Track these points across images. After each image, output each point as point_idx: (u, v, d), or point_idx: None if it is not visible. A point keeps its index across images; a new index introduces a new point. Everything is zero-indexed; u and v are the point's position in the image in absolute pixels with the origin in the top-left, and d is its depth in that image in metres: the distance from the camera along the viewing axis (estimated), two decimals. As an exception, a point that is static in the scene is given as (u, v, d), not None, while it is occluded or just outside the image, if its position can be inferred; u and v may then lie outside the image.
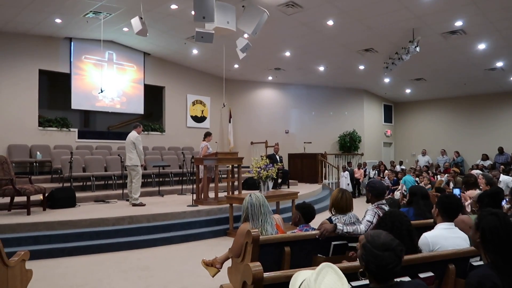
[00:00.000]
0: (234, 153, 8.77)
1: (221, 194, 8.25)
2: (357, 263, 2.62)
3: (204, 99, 14.30)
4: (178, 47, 11.64)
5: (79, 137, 11.31)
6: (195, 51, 11.84)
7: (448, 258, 2.76)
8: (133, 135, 7.79)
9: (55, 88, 12.02)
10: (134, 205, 7.60)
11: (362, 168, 14.00)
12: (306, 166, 13.21)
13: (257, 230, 3.15)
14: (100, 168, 9.67)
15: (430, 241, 2.87)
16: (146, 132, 12.62)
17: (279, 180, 10.88)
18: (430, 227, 3.21)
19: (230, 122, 14.63)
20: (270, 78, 14.65)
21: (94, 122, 13.26)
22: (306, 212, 3.75)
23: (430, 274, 2.62)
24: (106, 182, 9.72)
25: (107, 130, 13.14)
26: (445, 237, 2.87)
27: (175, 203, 8.08)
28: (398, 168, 14.38)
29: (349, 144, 15.15)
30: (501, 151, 13.83)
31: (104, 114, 12.62)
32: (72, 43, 11.10)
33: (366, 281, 1.88)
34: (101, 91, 10.37)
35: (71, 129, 11.15)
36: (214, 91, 14.28)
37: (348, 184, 12.54)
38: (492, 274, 1.97)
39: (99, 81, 11.22)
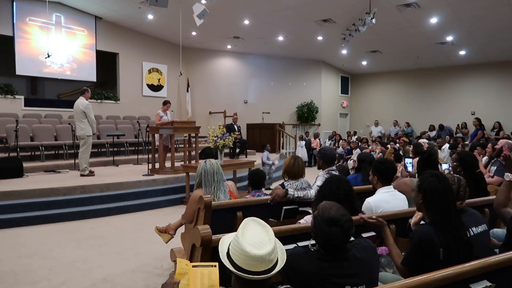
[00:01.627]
0: (191, 122, 8.67)
1: (178, 164, 8.19)
2: (304, 225, 2.73)
3: (161, 67, 13.87)
4: (132, 12, 11.10)
5: (25, 105, 10.68)
6: (150, 17, 11.35)
7: (389, 218, 2.93)
8: (82, 102, 7.34)
9: (-4, 52, 11.19)
10: (82, 175, 7.36)
11: (318, 138, 14.33)
12: (265, 136, 13.32)
13: (209, 196, 3.18)
14: (50, 137, 9.24)
15: (372, 205, 3.03)
16: (99, 101, 12.14)
17: (237, 150, 10.95)
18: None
19: (188, 91, 14.35)
20: (229, 47, 14.40)
21: (43, 89, 12.56)
22: (255, 178, 3.82)
23: (372, 233, 2.78)
24: (56, 152, 9.33)
25: (57, 98, 12.51)
26: (386, 200, 3.04)
27: (130, 173, 7.94)
28: (354, 138, 14.86)
29: (306, 114, 15.39)
30: (441, 127, 14.46)
31: (54, 81, 11.96)
32: (14, 3, 10.27)
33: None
34: (48, 56, 9.78)
35: (17, 96, 10.49)
36: (171, 59, 13.85)
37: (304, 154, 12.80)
38: (431, 232, 2.12)
39: (46, 46, 10.53)
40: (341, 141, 13.26)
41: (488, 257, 1.99)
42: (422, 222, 2.50)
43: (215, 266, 1.76)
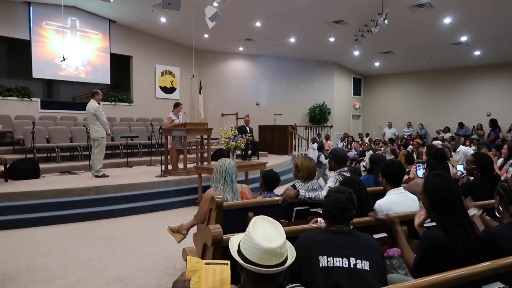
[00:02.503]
0: (203, 124, 8.73)
1: (191, 165, 8.25)
2: (314, 224, 2.74)
3: (174, 70, 14.01)
4: (145, 15, 11.25)
5: (42, 107, 10.89)
6: (163, 20, 11.48)
7: (400, 220, 2.92)
8: (92, 105, 7.41)
9: (14, 56, 11.45)
10: (96, 176, 7.47)
11: (329, 140, 14.27)
12: (276, 138, 13.34)
13: (221, 196, 3.20)
14: (65, 139, 9.41)
15: (384, 208, 3.02)
16: (113, 103, 12.31)
17: (249, 152, 10.98)
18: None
19: (200, 93, 14.46)
20: (241, 49, 14.46)
21: (58, 92, 12.78)
22: (269, 179, 3.82)
23: (384, 235, 2.77)
24: (71, 154, 9.49)
25: (72, 101, 12.72)
26: (397, 202, 3.02)
27: (144, 174, 8.03)
28: (366, 140, 14.76)
29: (318, 116, 15.34)
30: (461, 125, 14.39)
31: (69, 84, 12.17)
32: (31, 7, 10.50)
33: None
34: (64, 59, 9.95)
35: (33, 99, 10.71)
36: (184, 61, 13.97)
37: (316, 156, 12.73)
38: (441, 235, 2.11)
39: (61, 49, 10.74)
40: (353, 143, 13.17)
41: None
42: (426, 223, 2.48)
43: (227, 264, 1.78)
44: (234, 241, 1.52)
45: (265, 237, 1.41)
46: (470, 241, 2.05)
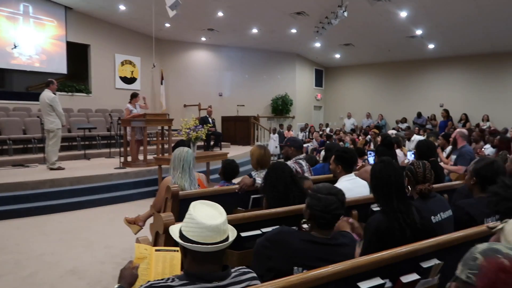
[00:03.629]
0: (163, 115, 8.63)
1: (151, 157, 8.13)
2: (268, 211, 2.80)
3: (134, 59, 13.65)
4: (103, 2, 10.86)
5: (-8, 98, 10.34)
6: (122, 7, 11.13)
7: (351, 204, 3.04)
8: (47, 95, 7.12)
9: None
10: (51, 169, 7.21)
11: (291, 130, 14.48)
12: (239, 129, 13.37)
13: (177, 185, 3.20)
14: (18, 131, 9.01)
15: (335, 194, 3.13)
16: (70, 94, 11.86)
17: (212, 142, 10.96)
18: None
19: (162, 84, 14.19)
20: (203, 39, 14.30)
21: (11, 81, 12.13)
22: (227, 168, 3.86)
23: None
24: (25, 146, 9.09)
25: (26, 91, 12.13)
26: (349, 188, 3.13)
27: (102, 166, 7.84)
28: (327, 130, 15.09)
29: (281, 107, 15.50)
30: (419, 115, 15.01)
31: (22, 73, 11.57)
32: (-22, -9, 9.89)
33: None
34: (15, 47, 9.49)
35: (-18, 89, 10.14)
36: (145, 51, 13.63)
37: (276, 147, 12.94)
38: (382, 219, 2.23)
39: (13, 37, 10.18)
40: (314, 133, 13.44)
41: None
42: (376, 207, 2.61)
43: (177, 251, 1.81)
44: (175, 228, 1.55)
45: (207, 216, 1.45)
46: (407, 225, 2.18)
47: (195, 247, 1.41)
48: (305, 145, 12.27)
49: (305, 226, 2.02)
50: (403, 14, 10.58)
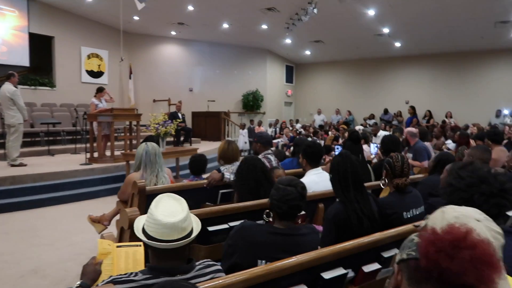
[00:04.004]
0: (131, 110, 8.45)
1: (119, 153, 7.95)
2: (229, 205, 2.81)
3: (101, 53, 13.27)
4: (67, -8, 10.49)
5: None
6: (88, -2, 10.80)
7: (317, 198, 3.10)
8: (8, 89, 6.80)
9: None
10: (13, 165, 6.92)
11: (261, 126, 14.53)
12: (210, 124, 13.30)
13: (143, 181, 3.15)
14: (-24, 125, 8.57)
15: (304, 187, 3.17)
16: (33, 87, 11.40)
17: (182, 138, 10.84)
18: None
19: (130, 78, 13.87)
20: (173, 33, 14.09)
21: (-32, 74, 11.55)
22: (194, 162, 3.83)
23: (302, 212, 2.92)
24: (-16, 142, 8.67)
25: (-16, 84, 11.57)
26: (315, 182, 3.20)
27: (67, 162, 7.59)
28: (298, 126, 15.25)
29: (252, 103, 15.53)
30: (385, 111, 15.43)
31: (-20, 65, 11.04)
32: None
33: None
34: (-28, 37, 8.99)
35: None
36: (112, 44, 13.27)
37: (245, 142, 12.96)
38: (341, 209, 2.30)
39: (-30, 26, 9.68)
40: (285, 129, 13.56)
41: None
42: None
43: (140, 245, 1.78)
44: (141, 220, 1.53)
45: (166, 213, 1.44)
46: (363, 214, 2.25)
47: (151, 243, 1.41)
48: (275, 141, 12.36)
49: (266, 217, 2.05)
50: (371, 12, 10.81)
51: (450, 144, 6.72)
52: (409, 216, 2.48)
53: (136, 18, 12.16)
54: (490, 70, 14.17)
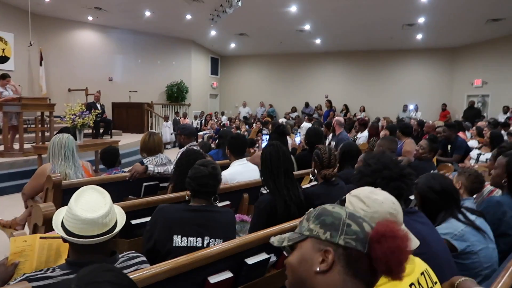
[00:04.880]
0: (43, 99, 7.82)
1: (29, 146, 7.32)
2: (152, 197, 2.77)
3: (6, 36, 11.96)
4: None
5: None
6: (-11, -26, 9.68)
7: (242, 188, 3.19)
8: None
9: None
10: None
11: (186, 118, 14.36)
12: (132, 116, 12.79)
13: (59, 174, 2.97)
14: None
15: (228, 178, 3.24)
16: None
17: (101, 130, 10.31)
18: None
19: (41, 65, 12.75)
20: (90, 18, 13.21)
21: None
22: (106, 154, 3.72)
23: (227, 202, 2.98)
24: None
25: None
26: (240, 172, 3.28)
27: (-33, 157, 6.82)
28: (224, 118, 15.29)
29: (176, 94, 15.20)
30: (307, 105, 16.14)
31: None
32: None
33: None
34: None
35: None
36: (20, 27, 12.02)
37: (171, 134, 12.72)
38: (271, 199, 2.40)
39: None
40: (210, 121, 13.54)
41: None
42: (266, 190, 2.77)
43: None
44: (60, 213, 1.46)
45: (86, 207, 1.39)
46: (291, 201, 2.38)
47: (71, 239, 1.36)
48: (201, 133, 12.30)
49: (186, 197, 2.18)
50: (293, 8, 11.15)
51: (361, 138, 7.23)
52: None
53: (47, -1, 11.19)
54: (399, 68, 15.53)
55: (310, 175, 2.74)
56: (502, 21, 11.15)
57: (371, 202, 1.28)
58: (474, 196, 2.60)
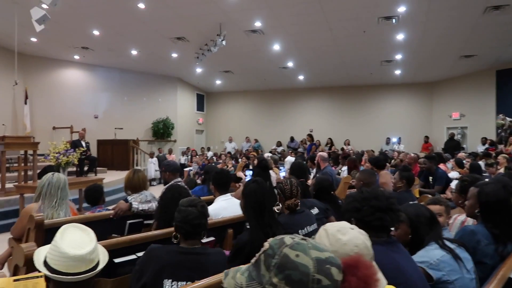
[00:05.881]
0: (27, 137, 7.78)
1: (11, 185, 7.20)
2: (137, 235, 2.76)
3: (-9, 75, 12.03)
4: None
5: None
6: (-24, 16, 9.82)
7: (227, 223, 3.20)
8: None
9: None
10: None
11: (172, 154, 14.36)
12: (117, 153, 12.74)
13: (41, 214, 2.95)
14: None
15: (212, 213, 3.24)
16: None
17: (86, 168, 10.22)
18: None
19: (26, 103, 12.76)
20: (76, 57, 13.40)
21: None
22: (89, 191, 3.72)
23: (212, 238, 2.99)
24: None
25: None
26: (224, 207, 3.31)
27: None
28: (210, 154, 15.30)
29: (162, 131, 15.27)
30: (292, 139, 16.36)
31: None
32: None
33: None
34: None
35: None
36: (5, 66, 12.08)
37: (156, 170, 12.66)
38: (249, 240, 2.40)
39: None
40: (196, 156, 13.55)
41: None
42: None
43: (42, 276, 1.68)
44: (41, 252, 1.47)
45: (73, 244, 1.41)
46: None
47: (57, 277, 1.36)
48: (186, 169, 12.28)
49: (173, 240, 2.11)
50: (276, 47, 11.55)
51: (344, 171, 7.36)
52: (304, 233, 2.74)
53: (34, 39, 11.36)
54: (380, 102, 16.00)
55: (275, 208, 2.77)
56: (474, 57, 11.75)
57: (334, 241, 1.29)
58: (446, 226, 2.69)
